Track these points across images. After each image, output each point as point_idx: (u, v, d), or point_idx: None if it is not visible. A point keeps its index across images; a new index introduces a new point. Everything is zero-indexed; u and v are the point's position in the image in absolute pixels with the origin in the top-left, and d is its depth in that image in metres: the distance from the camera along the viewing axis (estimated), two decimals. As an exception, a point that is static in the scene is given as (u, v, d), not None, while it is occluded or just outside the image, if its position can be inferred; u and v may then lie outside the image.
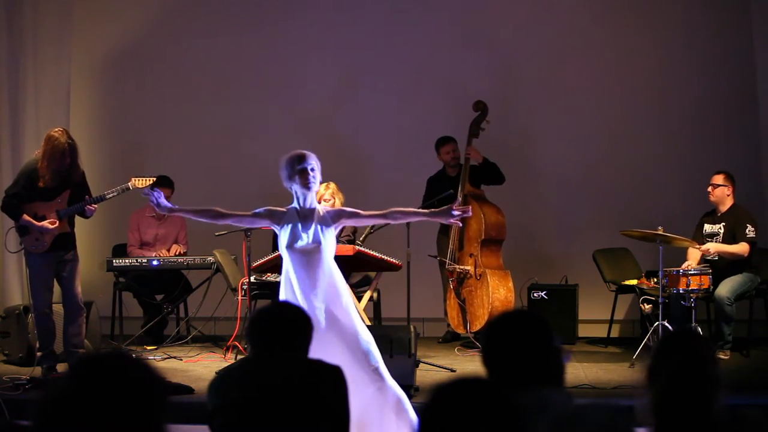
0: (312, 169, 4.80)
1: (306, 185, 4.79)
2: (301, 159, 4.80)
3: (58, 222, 6.43)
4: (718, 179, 7.39)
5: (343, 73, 8.84)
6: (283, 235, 4.82)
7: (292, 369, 3.13)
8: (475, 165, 7.85)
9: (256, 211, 4.91)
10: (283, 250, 4.83)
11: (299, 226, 4.79)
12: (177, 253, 7.95)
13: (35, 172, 6.44)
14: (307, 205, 4.82)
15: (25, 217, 6.43)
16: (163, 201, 5.00)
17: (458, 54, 8.69)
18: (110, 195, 6.59)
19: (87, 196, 6.51)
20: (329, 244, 4.81)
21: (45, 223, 6.41)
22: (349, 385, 3.19)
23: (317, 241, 4.76)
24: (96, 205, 6.59)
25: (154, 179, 6.78)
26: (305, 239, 4.77)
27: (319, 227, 4.79)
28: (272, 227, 4.92)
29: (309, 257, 4.76)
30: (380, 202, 8.08)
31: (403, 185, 8.31)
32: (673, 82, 8.56)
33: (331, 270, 4.81)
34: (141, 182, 6.64)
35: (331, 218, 4.84)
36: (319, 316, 4.62)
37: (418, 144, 8.34)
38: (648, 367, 2.53)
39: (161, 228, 8.09)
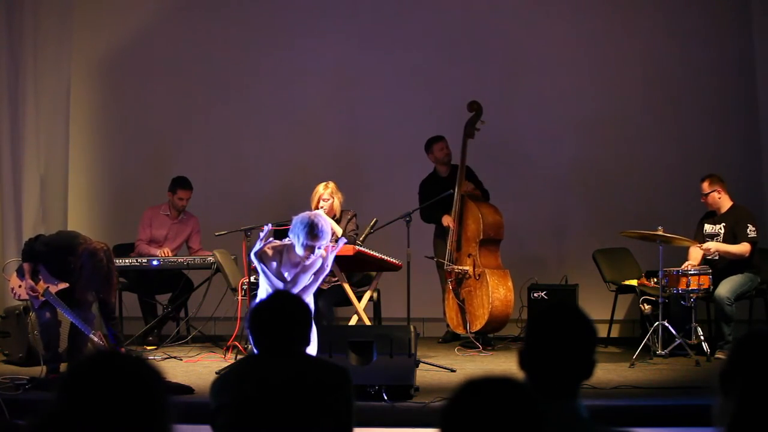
0: (318, 247, 5.37)
1: (306, 258, 5.38)
2: (314, 239, 5.30)
3: (40, 293, 6.44)
4: (705, 187, 7.35)
5: (340, 73, 8.83)
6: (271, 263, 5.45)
7: (296, 367, 3.11)
8: (470, 167, 7.86)
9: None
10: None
11: (284, 261, 5.45)
12: (165, 255, 7.91)
13: (61, 259, 6.39)
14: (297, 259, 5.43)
15: (26, 266, 6.52)
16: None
17: (454, 54, 8.67)
18: (91, 337, 6.47)
19: (82, 312, 6.44)
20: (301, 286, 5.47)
21: (32, 283, 6.46)
22: None
23: (293, 282, 5.44)
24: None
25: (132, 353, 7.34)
26: (282, 278, 5.46)
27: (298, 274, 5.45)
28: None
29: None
30: (376, 201, 8.16)
31: (399, 186, 8.32)
32: (673, 82, 8.56)
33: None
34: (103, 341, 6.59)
35: (311, 265, 5.45)
36: None
37: (415, 144, 8.31)
38: (723, 372, 2.21)
39: (173, 228, 8.08)
